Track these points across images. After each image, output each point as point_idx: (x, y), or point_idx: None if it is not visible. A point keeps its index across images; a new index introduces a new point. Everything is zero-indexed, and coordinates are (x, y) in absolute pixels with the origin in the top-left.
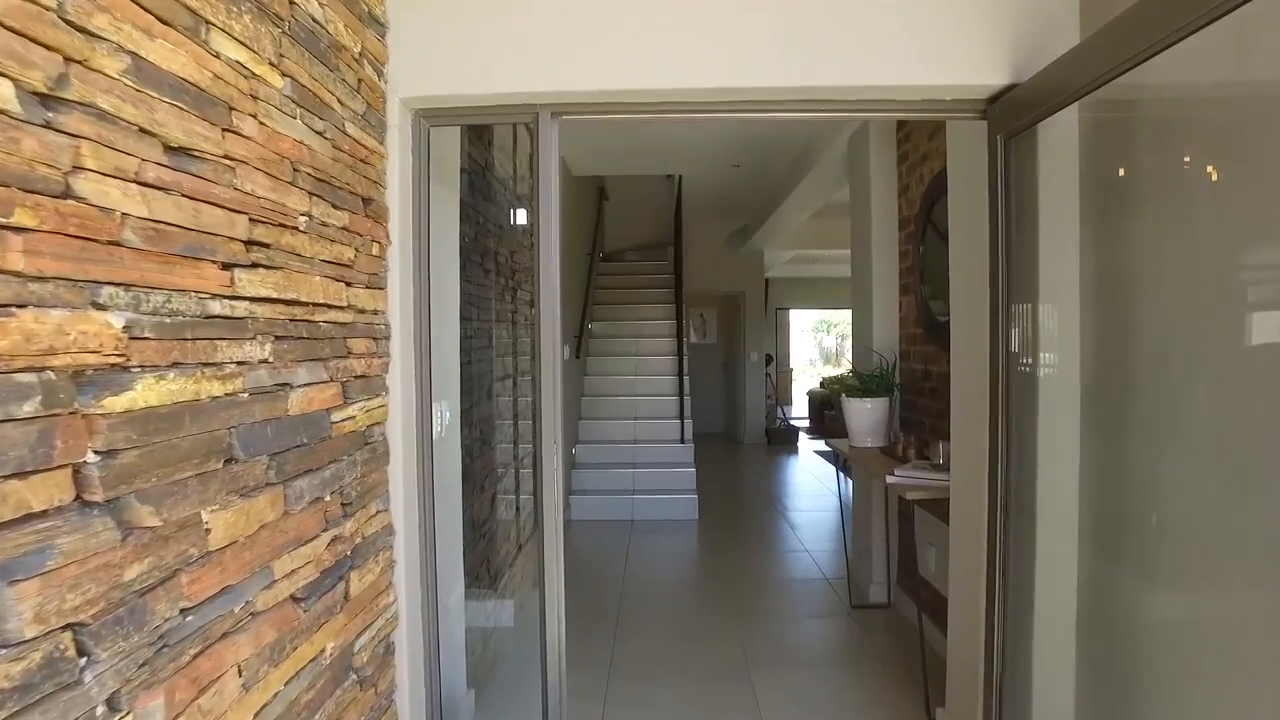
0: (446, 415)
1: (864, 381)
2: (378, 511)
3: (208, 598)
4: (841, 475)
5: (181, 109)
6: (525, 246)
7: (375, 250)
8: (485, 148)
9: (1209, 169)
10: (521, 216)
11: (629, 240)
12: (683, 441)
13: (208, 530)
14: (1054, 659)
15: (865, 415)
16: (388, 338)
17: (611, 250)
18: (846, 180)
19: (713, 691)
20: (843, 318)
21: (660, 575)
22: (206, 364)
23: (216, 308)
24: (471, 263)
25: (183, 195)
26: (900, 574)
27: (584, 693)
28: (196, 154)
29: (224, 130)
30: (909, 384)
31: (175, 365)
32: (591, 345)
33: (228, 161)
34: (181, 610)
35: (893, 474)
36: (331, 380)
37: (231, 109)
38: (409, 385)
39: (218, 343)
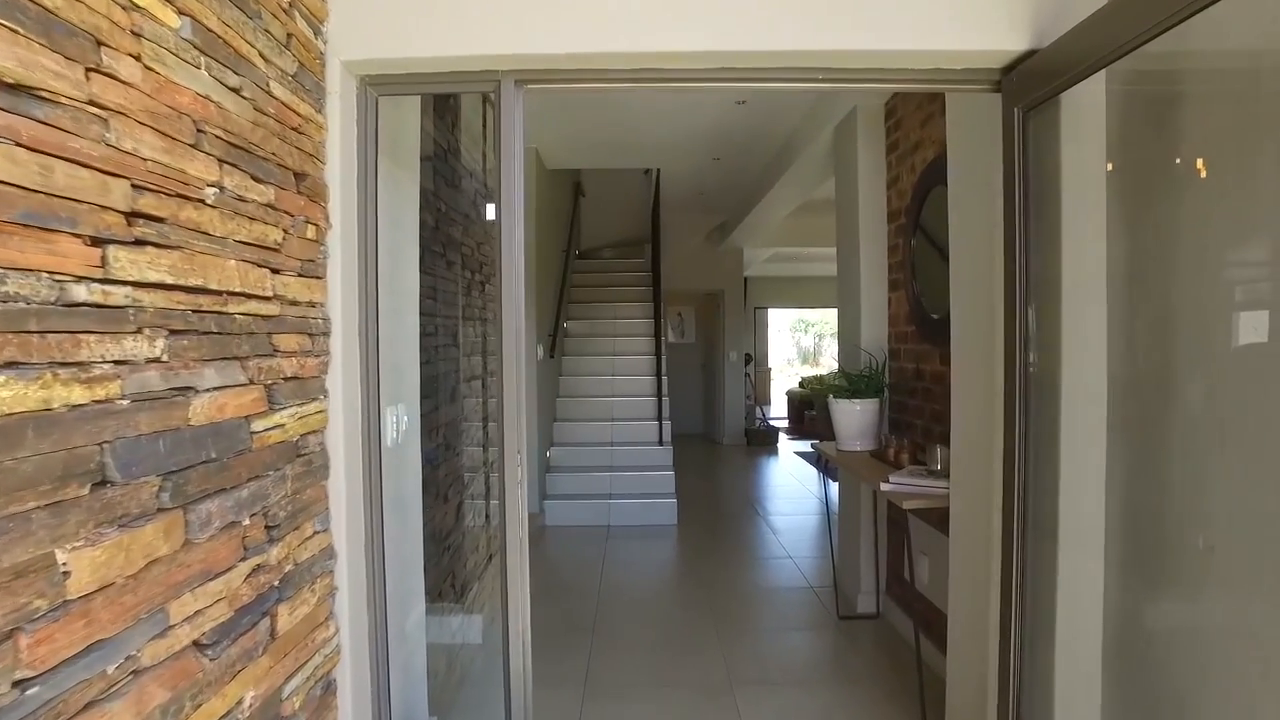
0: (403, 420)
1: (852, 382)
2: (314, 533)
3: (63, 661)
4: (824, 477)
5: (16, 32)
6: (495, 238)
7: (311, 233)
8: (450, 130)
9: (1255, 146)
10: (492, 211)
11: (606, 237)
12: (661, 443)
13: (65, 574)
14: (1077, 687)
15: (854, 417)
16: (327, 334)
17: (588, 248)
18: (831, 173)
19: (695, 712)
20: (820, 317)
21: (638, 584)
22: (63, 364)
23: (81, 293)
24: (434, 254)
25: (20, 146)
26: (890, 583)
27: (556, 716)
28: (44, 95)
29: (89, 70)
30: (899, 384)
31: (12, 365)
32: (568, 344)
33: (95, 110)
34: (18, 683)
35: (887, 481)
36: (251, 383)
37: (101, 44)
38: (353, 388)
39: (82, 338)
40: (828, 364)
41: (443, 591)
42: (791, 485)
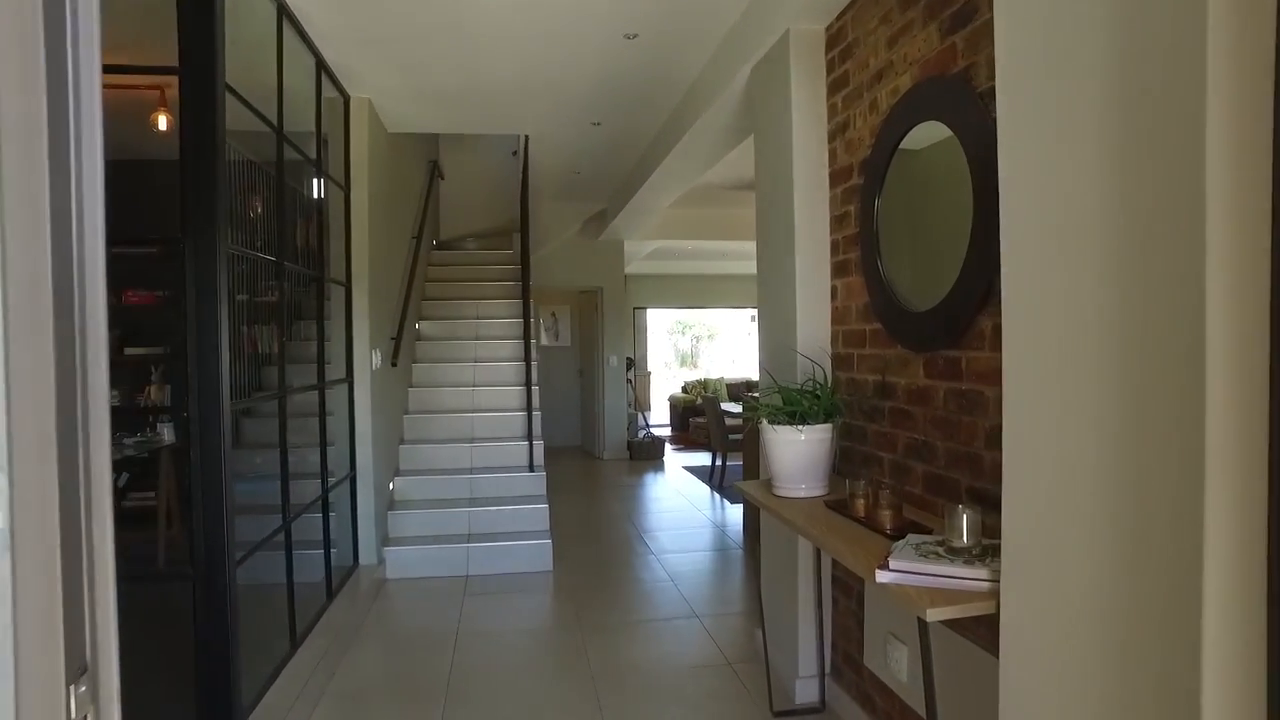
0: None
1: (790, 400)
2: None
3: None
4: (720, 498)
5: None
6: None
7: None
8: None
9: None
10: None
11: (468, 226)
12: (532, 469)
13: None
14: None
15: (797, 451)
16: None
17: (448, 238)
18: (738, 138)
19: None
20: (699, 319)
21: (501, 664)
22: None
23: None
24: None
25: None
26: (839, 664)
27: None
28: None
29: None
30: (855, 404)
31: None
32: (420, 349)
33: None
34: None
35: (886, 569)
36: None
37: None
38: None
39: None
40: (705, 368)
41: None
42: (683, 509)
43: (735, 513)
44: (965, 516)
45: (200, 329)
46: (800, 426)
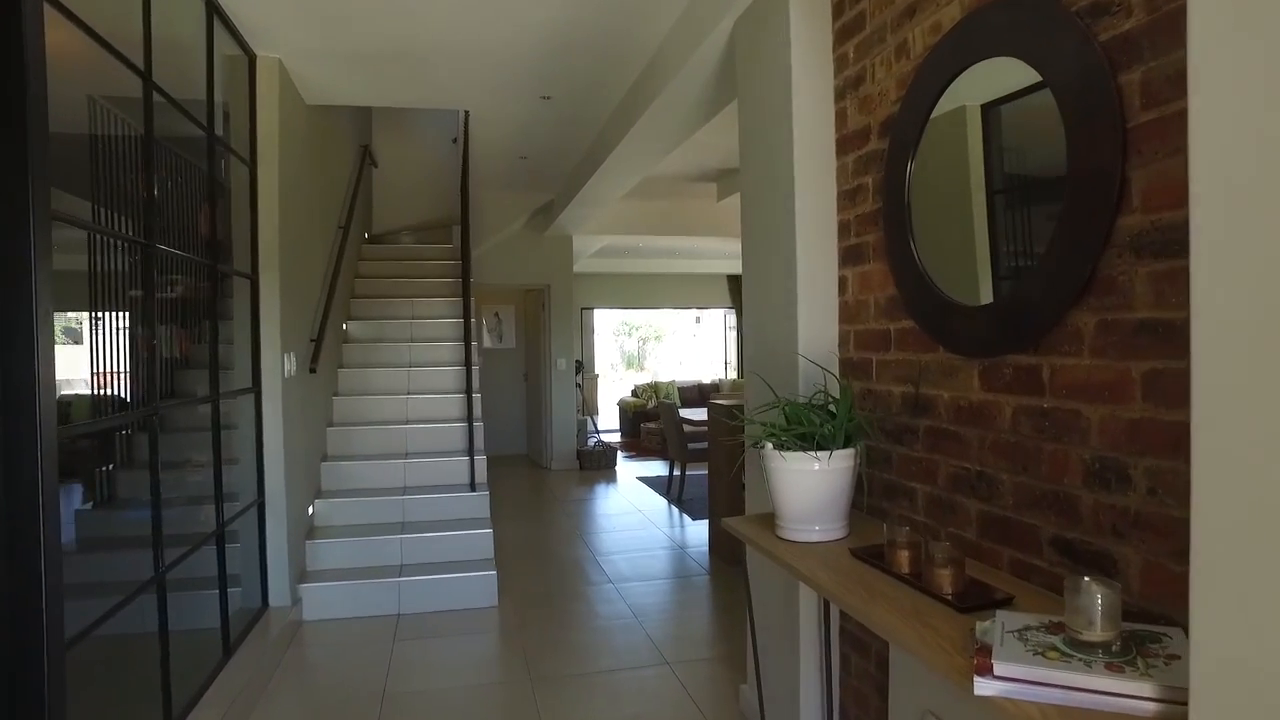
0: None
1: (798, 419)
2: None
3: None
4: (679, 513)
5: None
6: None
7: None
8: None
9: None
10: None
11: (404, 219)
12: (474, 488)
13: None
14: None
15: (813, 486)
16: None
17: (382, 231)
18: (712, 109)
19: None
20: (645, 320)
21: None
22: None
23: None
24: None
25: None
26: None
27: None
28: None
29: None
30: (874, 421)
31: None
32: (347, 353)
33: None
34: None
35: (988, 673)
36: None
37: None
38: None
39: None
40: (653, 370)
41: None
42: (641, 527)
43: (697, 531)
44: (1101, 596)
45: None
46: (816, 453)
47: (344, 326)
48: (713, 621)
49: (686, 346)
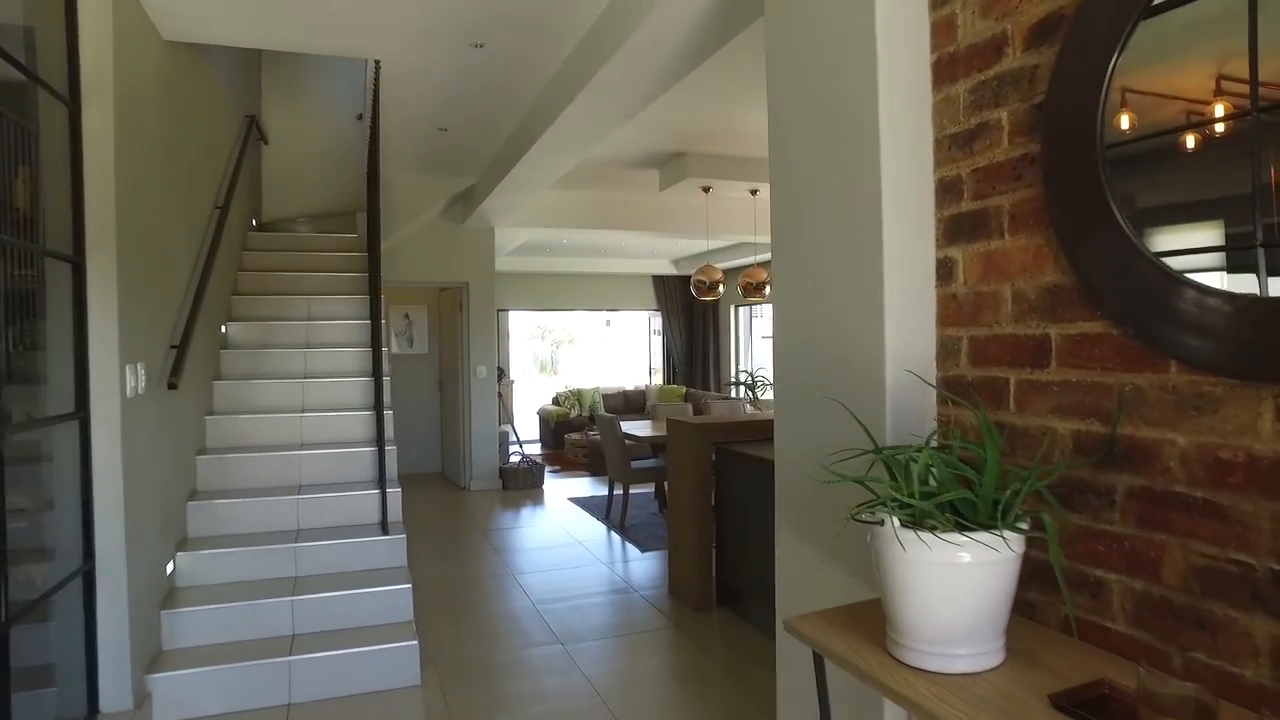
0: None
1: (940, 476)
2: None
3: None
4: (620, 539)
5: None
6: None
7: None
8: None
9: None
10: None
11: (300, 205)
12: (386, 531)
13: None
14: None
15: (960, 585)
16: None
17: (273, 218)
18: (701, 55)
19: None
20: (559, 323)
21: None
22: None
23: None
24: None
25: None
26: None
27: None
28: None
29: None
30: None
31: None
32: (226, 362)
33: None
34: None
35: None
36: None
37: None
38: None
39: None
40: (565, 375)
41: None
42: (583, 563)
43: (646, 566)
44: None
45: None
46: (960, 538)
47: (223, 329)
48: (700, 696)
49: (598, 350)
